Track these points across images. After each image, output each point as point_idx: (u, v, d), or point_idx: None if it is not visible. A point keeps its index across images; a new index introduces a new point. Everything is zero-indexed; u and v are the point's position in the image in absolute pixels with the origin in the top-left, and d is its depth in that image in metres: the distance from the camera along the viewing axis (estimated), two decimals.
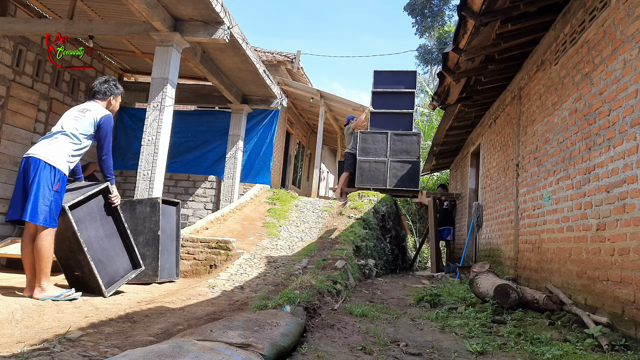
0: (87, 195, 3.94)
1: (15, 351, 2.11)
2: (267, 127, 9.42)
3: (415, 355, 2.62)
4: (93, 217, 4.03)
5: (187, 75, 8.95)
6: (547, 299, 3.93)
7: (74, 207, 3.80)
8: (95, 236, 4.00)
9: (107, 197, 4.12)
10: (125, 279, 4.18)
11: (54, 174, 3.63)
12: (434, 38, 27.12)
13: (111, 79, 4.18)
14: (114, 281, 4.05)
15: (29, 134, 7.15)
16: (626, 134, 3.14)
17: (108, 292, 3.89)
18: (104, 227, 4.12)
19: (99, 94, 4.07)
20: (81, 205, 3.90)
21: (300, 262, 5.62)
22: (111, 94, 4.12)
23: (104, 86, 4.10)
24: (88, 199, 3.97)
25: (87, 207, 3.98)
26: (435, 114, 18.00)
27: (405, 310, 4.19)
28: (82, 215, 3.91)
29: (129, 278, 4.23)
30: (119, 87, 4.19)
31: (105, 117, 3.93)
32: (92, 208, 4.03)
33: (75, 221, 3.76)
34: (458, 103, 7.08)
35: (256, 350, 2.03)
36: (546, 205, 4.63)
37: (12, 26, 6.28)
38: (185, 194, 9.93)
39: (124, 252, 4.26)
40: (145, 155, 5.66)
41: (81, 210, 3.91)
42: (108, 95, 4.10)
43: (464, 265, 7.56)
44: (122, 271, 4.20)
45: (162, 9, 5.55)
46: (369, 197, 8.66)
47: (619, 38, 3.35)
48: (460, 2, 4.19)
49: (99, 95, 4.07)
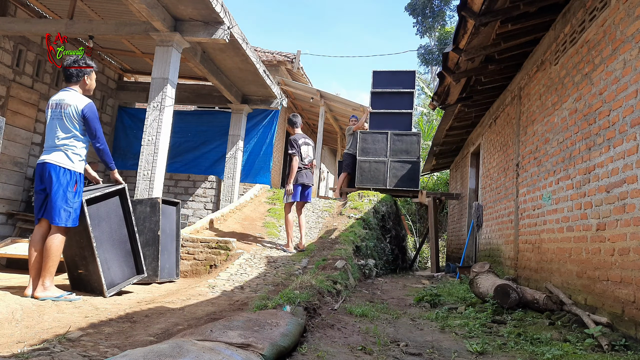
0: (104, 193, 3.97)
1: (15, 351, 2.11)
2: (267, 127, 9.42)
3: (415, 355, 2.62)
4: (107, 216, 4.06)
5: (187, 75, 8.95)
6: (547, 299, 3.93)
7: (90, 203, 3.84)
8: (106, 235, 4.03)
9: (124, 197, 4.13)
10: (128, 282, 4.19)
11: (71, 176, 3.68)
12: (435, 38, 27.13)
13: (80, 57, 3.91)
14: (115, 283, 4.06)
15: (29, 134, 7.15)
16: (626, 134, 3.14)
17: (109, 293, 3.90)
18: (115, 228, 4.16)
19: (72, 77, 3.85)
20: (97, 203, 3.94)
21: (300, 262, 5.61)
22: (84, 74, 3.89)
23: (74, 67, 3.86)
24: (104, 197, 4.01)
25: (103, 205, 4.04)
26: (435, 114, 18.00)
27: (405, 310, 4.19)
28: (97, 212, 3.95)
29: (131, 282, 4.25)
30: (90, 63, 3.93)
31: (87, 107, 3.77)
32: (107, 207, 4.08)
33: (90, 216, 3.80)
34: (458, 103, 7.08)
35: (256, 350, 2.03)
36: (546, 205, 4.63)
37: (12, 26, 6.28)
38: (185, 194, 9.93)
39: (130, 256, 4.29)
40: (145, 155, 5.67)
41: (96, 207, 3.95)
42: (81, 76, 3.88)
43: (464, 265, 7.56)
44: (125, 274, 4.21)
45: (162, 9, 5.55)
46: (369, 197, 8.66)
47: (619, 38, 3.35)
48: (460, 2, 4.19)
49: (72, 79, 3.86)
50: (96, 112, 3.88)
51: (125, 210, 4.22)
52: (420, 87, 21.13)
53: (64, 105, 3.76)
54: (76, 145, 3.78)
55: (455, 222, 11.51)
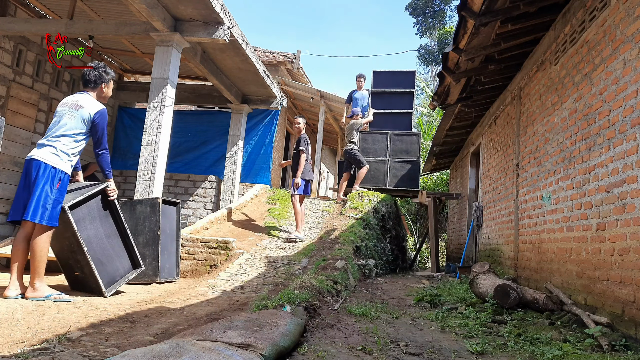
0: (87, 196, 3.93)
1: (15, 351, 2.11)
2: (267, 127, 9.41)
3: (415, 355, 2.62)
4: (93, 217, 4.03)
5: (187, 75, 8.95)
6: (547, 299, 3.93)
7: (73, 207, 3.80)
8: (95, 236, 4.01)
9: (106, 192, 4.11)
10: (125, 278, 4.19)
11: (55, 174, 3.64)
12: (435, 38, 27.13)
13: (100, 65, 4.05)
14: (114, 281, 4.05)
15: (29, 134, 7.15)
16: (626, 134, 3.14)
17: (108, 292, 3.90)
18: (104, 227, 4.12)
19: (90, 83, 3.98)
20: (81, 205, 3.91)
21: (300, 262, 5.61)
22: (102, 82, 4.01)
23: (94, 74, 3.98)
24: (88, 199, 3.97)
25: (87, 207, 3.98)
26: (435, 114, 18.00)
27: (405, 310, 4.19)
28: (82, 215, 3.91)
29: (129, 278, 4.24)
30: (109, 73, 4.08)
31: (99, 112, 3.87)
32: (92, 208, 4.03)
33: (75, 221, 3.77)
34: (458, 103, 7.09)
35: (256, 350, 2.03)
36: (546, 205, 4.63)
37: (12, 26, 6.28)
38: (185, 194, 9.93)
39: (124, 252, 4.27)
40: (145, 155, 5.66)
41: (81, 210, 3.91)
42: (99, 83, 4.00)
43: (464, 265, 7.56)
44: (123, 271, 4.21)
45: (162, 9, 5.55)
46: (369, 197, 8.66)
47: (619, 38, 3.35)
48: (461, 2, 4.19)
49: (90, 85, 3.98)
50: (107, 119, 3.94)
51: (113, 208, 4.19)
52: (420, 87, 21.13)
53: (78, 106, 3.84)
54: (70, 146, 3.76)
55: (455, 222, 11.51)
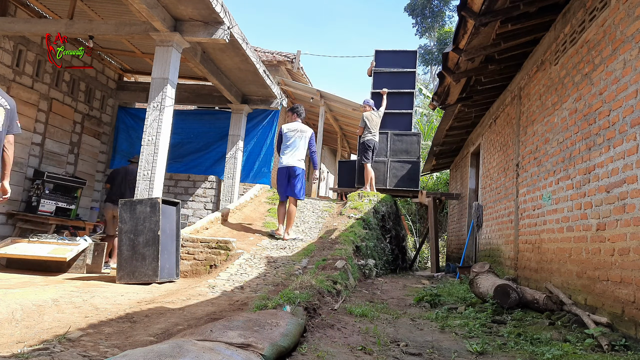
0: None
1: (15, 351, 2.11)
2: (267, 127, 9.41)
3: (415, 355, 2.62)
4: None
5: (187, 75, 8.94)
6: (547, 299, 3.93)
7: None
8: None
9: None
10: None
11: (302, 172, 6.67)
12: (434, 38, 27.13)
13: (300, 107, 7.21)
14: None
15: (29, 134, 7.15)
16: (626, 134, 3.14)
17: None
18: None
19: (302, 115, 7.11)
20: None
21: (300, 262, 5.61)
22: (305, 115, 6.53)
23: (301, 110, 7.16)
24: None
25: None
26: (435, 114, 18.00)
27: (405, 310, 4.19)
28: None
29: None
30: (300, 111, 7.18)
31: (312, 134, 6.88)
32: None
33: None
34: (458, 103, 7.09)
35: (256, 351, 2.03)
36: (546, 205, 4.63)
37: (12, 26, 6.28)
38: (185, 194, 9.93)
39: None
40: (145, 155, 5.66)
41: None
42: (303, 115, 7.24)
43: (464, 265, 7.56)
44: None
45: (162, 9, 5.54)
46: (369, 197, 8.66)
47: (619, 38, 3.35)
48: (460, 2, 4.19)
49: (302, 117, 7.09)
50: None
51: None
52: (419, 89, 21.11)
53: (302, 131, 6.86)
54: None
55: (455, 222, 11.51)
